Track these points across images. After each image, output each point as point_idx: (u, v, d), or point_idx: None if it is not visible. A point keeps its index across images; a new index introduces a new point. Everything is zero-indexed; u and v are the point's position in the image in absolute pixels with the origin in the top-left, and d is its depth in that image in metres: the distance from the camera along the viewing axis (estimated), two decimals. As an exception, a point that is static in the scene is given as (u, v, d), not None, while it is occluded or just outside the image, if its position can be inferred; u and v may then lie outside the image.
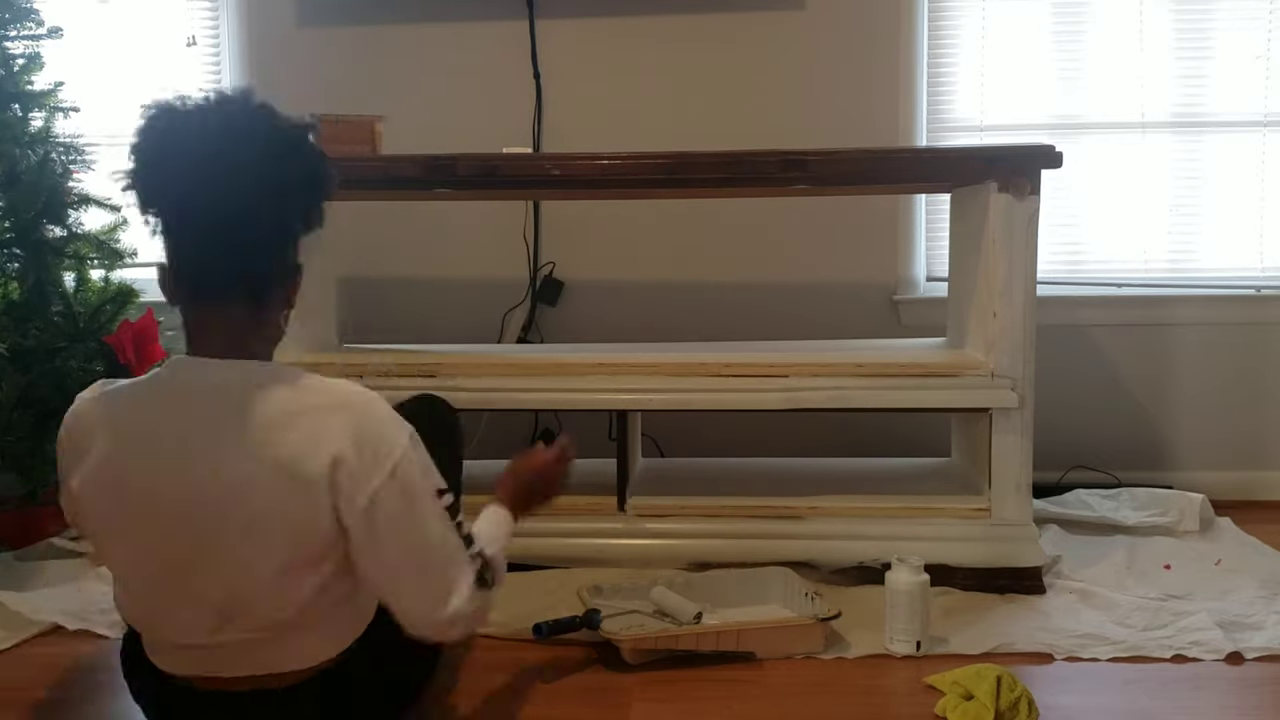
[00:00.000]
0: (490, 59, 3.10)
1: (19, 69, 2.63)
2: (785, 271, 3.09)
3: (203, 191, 1.31)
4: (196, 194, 1.31)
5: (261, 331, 1.39)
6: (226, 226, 1.32)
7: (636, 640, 1.77)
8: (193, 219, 1.34)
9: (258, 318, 1.38)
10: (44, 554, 2.46)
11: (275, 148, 1.36)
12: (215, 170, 1.30)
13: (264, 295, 1.38)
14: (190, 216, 1.34)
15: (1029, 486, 2.26)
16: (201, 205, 1.31)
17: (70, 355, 2.54)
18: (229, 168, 1.30)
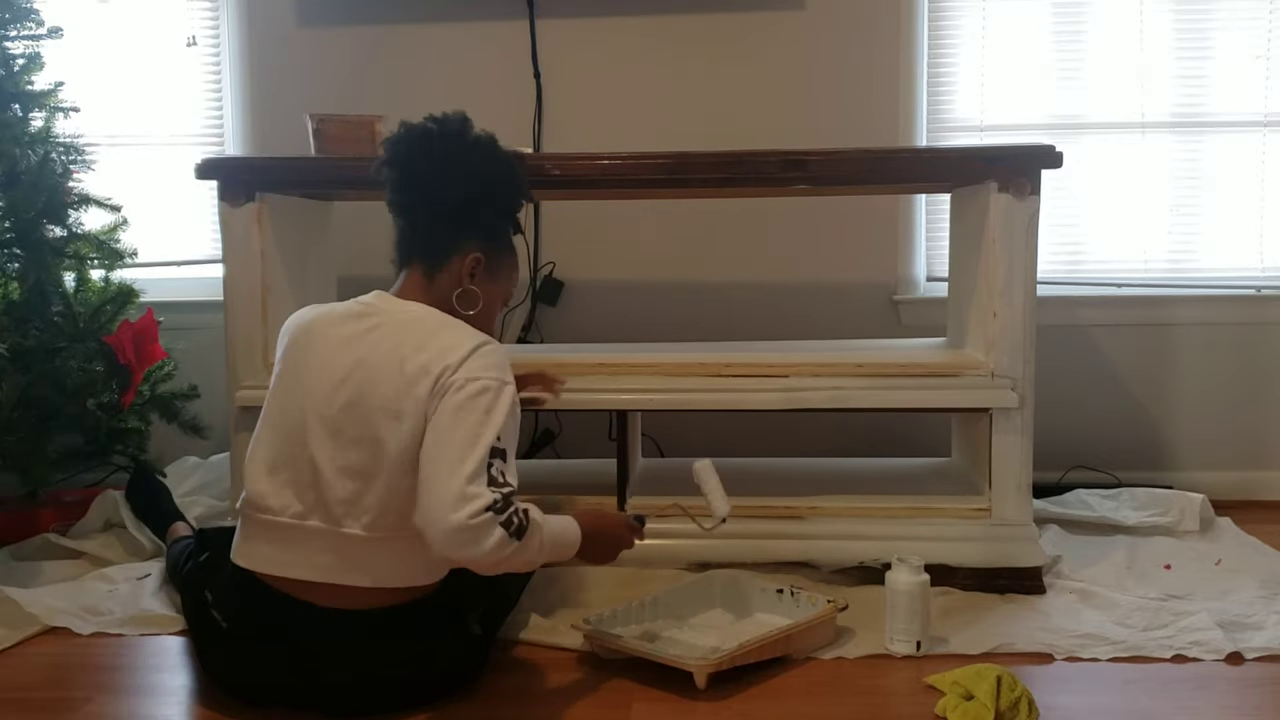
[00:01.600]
0: (490, 59, 3.10)
1: (19, 69, 2.63)
2: (785, 271, 3.09)
3: (406, 193, 1.76)
4: (407, 191, 1.76)
5: (432, 296, 1.74)
6: (415, 222, 1.77)
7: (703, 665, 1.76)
8: (401, 215, 1.78)
9: (428, 285, 1.75)
10: (40, 550, 2.46)
11: (457, 167, 1.74)
12: (418, 180, 1.74)
13: (433, 271, 1.75)
14: (400, 213, 1.78)
15: (1029, 486, 2.26)
16: (407, 201, 1.76)
17: (70, 355, 2.54)
18: (424, 182, 1.74)
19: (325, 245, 2.70)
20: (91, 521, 2.57)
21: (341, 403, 1.64)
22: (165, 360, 2.76)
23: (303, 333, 1.75)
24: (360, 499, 1.63)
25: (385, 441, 1.61)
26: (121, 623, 2.07)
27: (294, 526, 1.66)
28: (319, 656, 1.64)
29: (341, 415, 1.64)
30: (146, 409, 2.75)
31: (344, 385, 1.64)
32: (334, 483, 1.63)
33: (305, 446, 1.65)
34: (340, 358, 1.66)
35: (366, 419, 1.62)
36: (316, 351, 1.70)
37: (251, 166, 2.46)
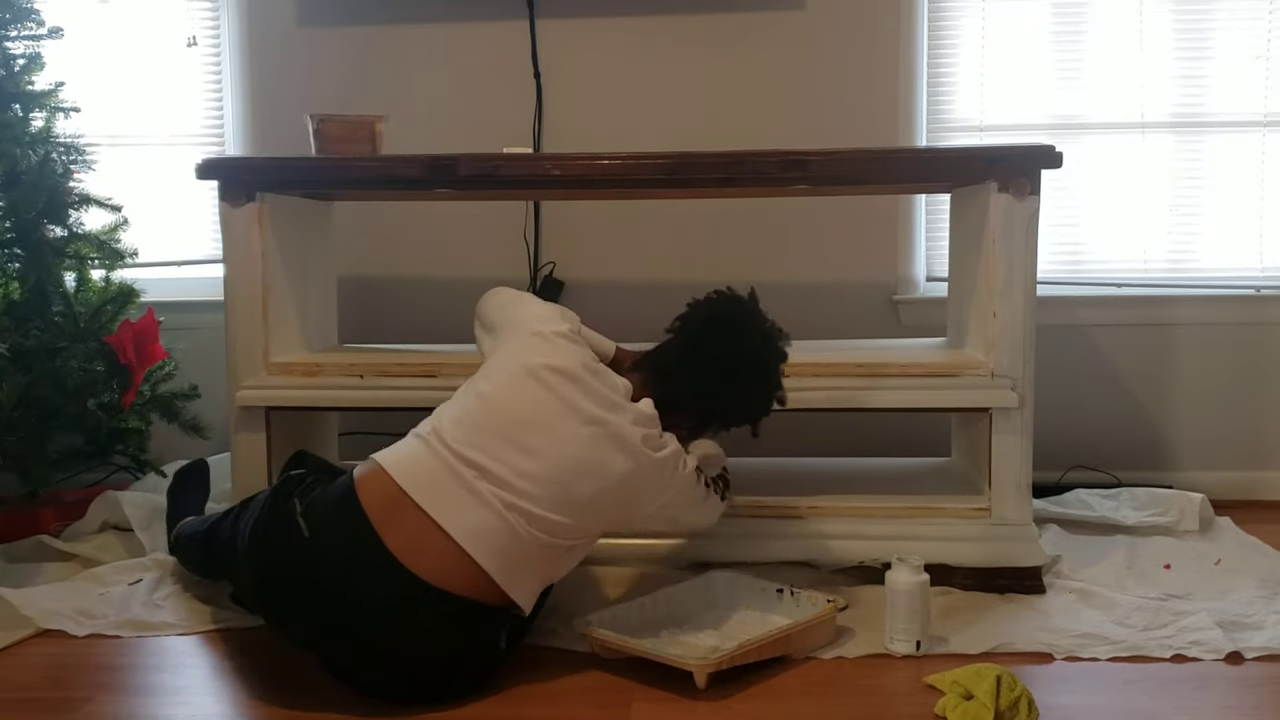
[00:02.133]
0: (490, 59, 3.10)
1: (20, 69, 2.64)
2: (785, 271, 3.09)
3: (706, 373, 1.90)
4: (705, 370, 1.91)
5: (667, 416, 1.86)
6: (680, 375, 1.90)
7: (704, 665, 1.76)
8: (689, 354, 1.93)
9: (665, 414, 1.86)
10: (33, 551, 2.45)
11: (752, 378, 1.92)
12: (724, 354, 1.91)
13: (667, 409, 1.87)
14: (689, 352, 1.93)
15: (1029, 486, 2.26)
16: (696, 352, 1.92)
17: (71, 355, 2.54)
18: (730, 371, 1.90)
19: (325, 245, 2.70)
20: (89, 522, 2.56)
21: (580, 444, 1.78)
22: (166, 360, 2.76)
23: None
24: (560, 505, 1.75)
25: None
26: (116, 626, 2.07)
27: (469, 483, 1.71)
28: (373, 609, 1.66)
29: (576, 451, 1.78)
30: (147, 409, 2.75)
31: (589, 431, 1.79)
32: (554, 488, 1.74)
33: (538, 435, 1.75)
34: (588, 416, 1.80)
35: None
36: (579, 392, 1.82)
37: (252, 166, 2.47)
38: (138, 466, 2.78)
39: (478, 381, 1.85)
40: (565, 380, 1.78)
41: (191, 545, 2.18)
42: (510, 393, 1.79)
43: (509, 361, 1.84)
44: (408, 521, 1.69)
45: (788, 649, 1.88)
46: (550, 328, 1.86)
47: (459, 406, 1.82)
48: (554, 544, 1.76)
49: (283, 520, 1.75)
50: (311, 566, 1.70)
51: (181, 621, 2.09)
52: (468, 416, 1.79)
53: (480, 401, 1.80)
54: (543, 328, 1.86)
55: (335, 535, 1.71)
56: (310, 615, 1.70)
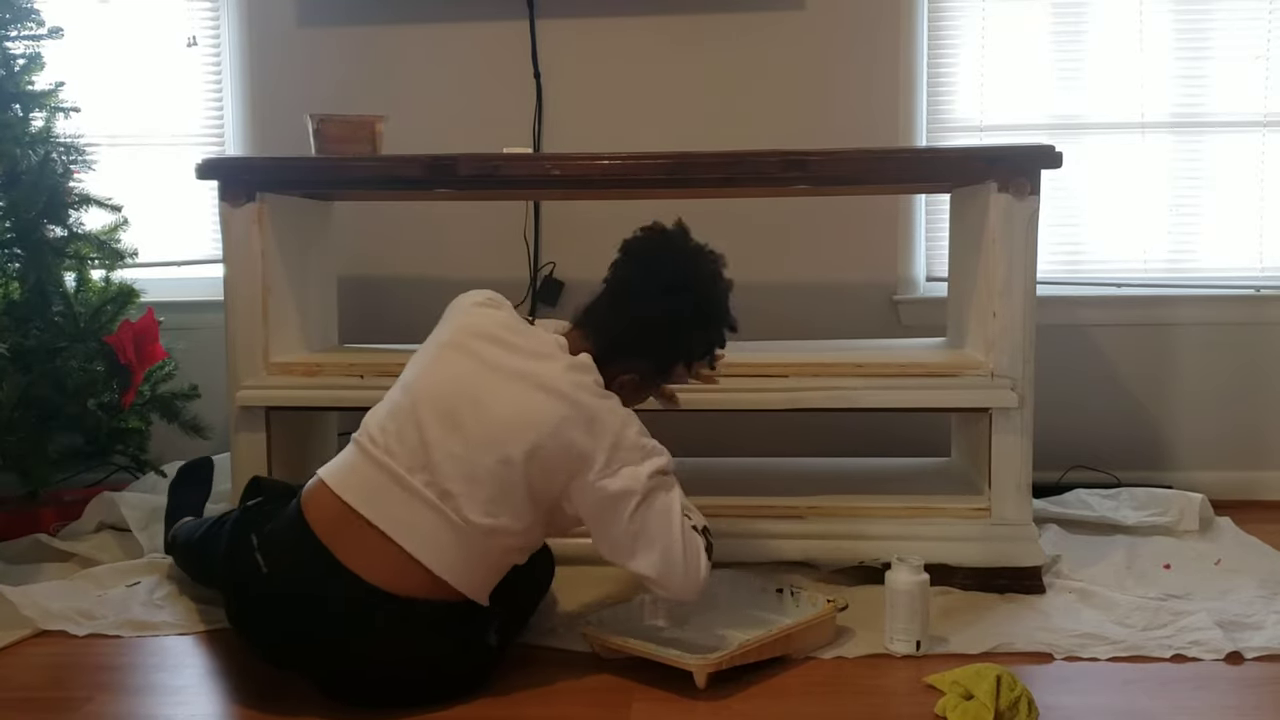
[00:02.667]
0: (490, 59, 3.10)
1: (20, 69, 2.63)
2: (785, 271, 3.09)
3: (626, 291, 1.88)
4: (624, 286, 1.89)
5: (614, 364, 1.82)
6: (616, 310, 1.87)
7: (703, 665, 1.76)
8: (618, 294, 1.90)
9: (601, 361, 1.80)
10: (31, 551, 2.45)
11: (684, 303, 1.85)
12: (648, 286, 1.86)
13: (614, 356, 1.83)
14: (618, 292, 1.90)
15: (1029, 486, 2.26)
16: (624, 291, 1.89)
17: (71, 355, 2.54)
18: (659, 298, 1.85)
19: (325, 245, 2.70)
20: (86, 523, 2.56)
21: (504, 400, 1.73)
22: (166, 360, 2.76)
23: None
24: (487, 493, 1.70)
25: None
26: (116, 626, 2.07)
27: (403, 480, 1.68)
28: (348, 629, 1.65)
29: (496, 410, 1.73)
30: (147, 409, 2.75)
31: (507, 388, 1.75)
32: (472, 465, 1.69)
33: (456, 421, 1.71)
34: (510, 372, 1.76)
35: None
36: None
37: (252, 166, 2.47)
38: (138, 466, 2.79)
39: (403, 374, 1.83)
40: (485, 342, 1.76)
41: (187, 551, 2.18)
42: (432, 373, 1.77)
43: (428, 345, 1.83)
44: (356, 534, 1.68)
45: (788, 649, 1.88)
46: (468, 301, 1.87)
47: (387, 403, 1.80)
48: (497, 528, 1.69)
49: (243, 559, 1.73)
50: (276, 600, 1.69)
51: (181, 621, 2.09)
52: (394, 410, 1.76)
53: (404, 392, 1.78)
54: (460, 303, 1.87)
55: (291, 564, 1.70)
56: (288, 644, 1.71)
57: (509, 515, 1.70)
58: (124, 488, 2.71)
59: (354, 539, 1.67)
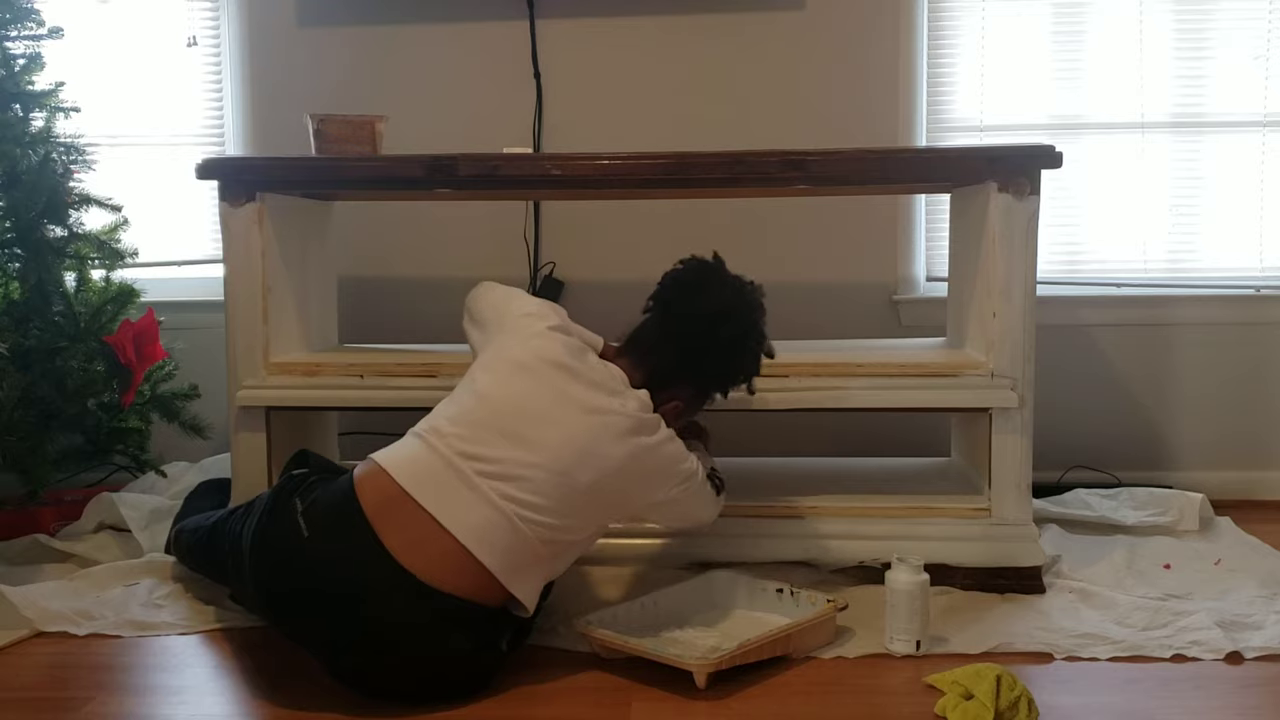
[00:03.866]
0: (490, 59, 3.10)
1: (20, 69, 2.63)
2: (785, 271, 3.09)
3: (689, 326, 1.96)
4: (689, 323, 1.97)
5: (661, 392, 1.91)
6: (668, 342, 1.95)
7: (703, 665, 1.76)
8: (665, 324, 1.99)
9: (649, 386, 1.90)
10: (30, 551, 2.45)
11: (733, 330, 1.96)
12: (695, 316, 1.96)
13: (661, 384, 1.92)
14: (668, 322, 1.99)
15: (1029, 486, 2.26)
16: (670, 321, 1.99)
17: (71, 355, 2.54)
18: (709, 327, 1.95)
19: (325, 245, 2.70)
20: (85, 523, 2.56)
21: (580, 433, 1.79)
22: (166, 360, 2.76)
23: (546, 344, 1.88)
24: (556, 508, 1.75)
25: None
26: (116, 626, 2.07)
27: (469, 479, 1.71)
28: (375, 609, 1.65)
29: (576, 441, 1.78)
30: (147, 409, 2.75)
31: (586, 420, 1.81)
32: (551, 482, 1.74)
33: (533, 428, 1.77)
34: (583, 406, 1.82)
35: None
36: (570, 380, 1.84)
37: (252, 166, 2.46)
38: (138, 466, 2.78)
39: (473, 378, 1.86)
40: (558, 371, 1.81)
41: (194, 542, 2.18)
42: (506, 387, 1.81)
43: (503, 356, 1.86)
44: (408, 520, 1.69)
45: (788, 649, 1.88)
46: (542, 324, 1.88)
47: (455, 404, 1.83)
48: (555, 539, 1.75)
49: (283, 520, 1.75)
50: (311, 567, 1.70)
51: (181, 621, 2.09)
52: (465, 413, 1.79)
53: (476, 398, 1.81)
54: (533, 324, 1.89)
55: (333, 535, 1.71)
56: (309, 615, 1.71)
57: (573, 519, 1.77)
58: (123, 488, 2.71)
59: (404, 525, 1.69)
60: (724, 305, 1.95)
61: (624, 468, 1.79)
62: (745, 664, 1.81)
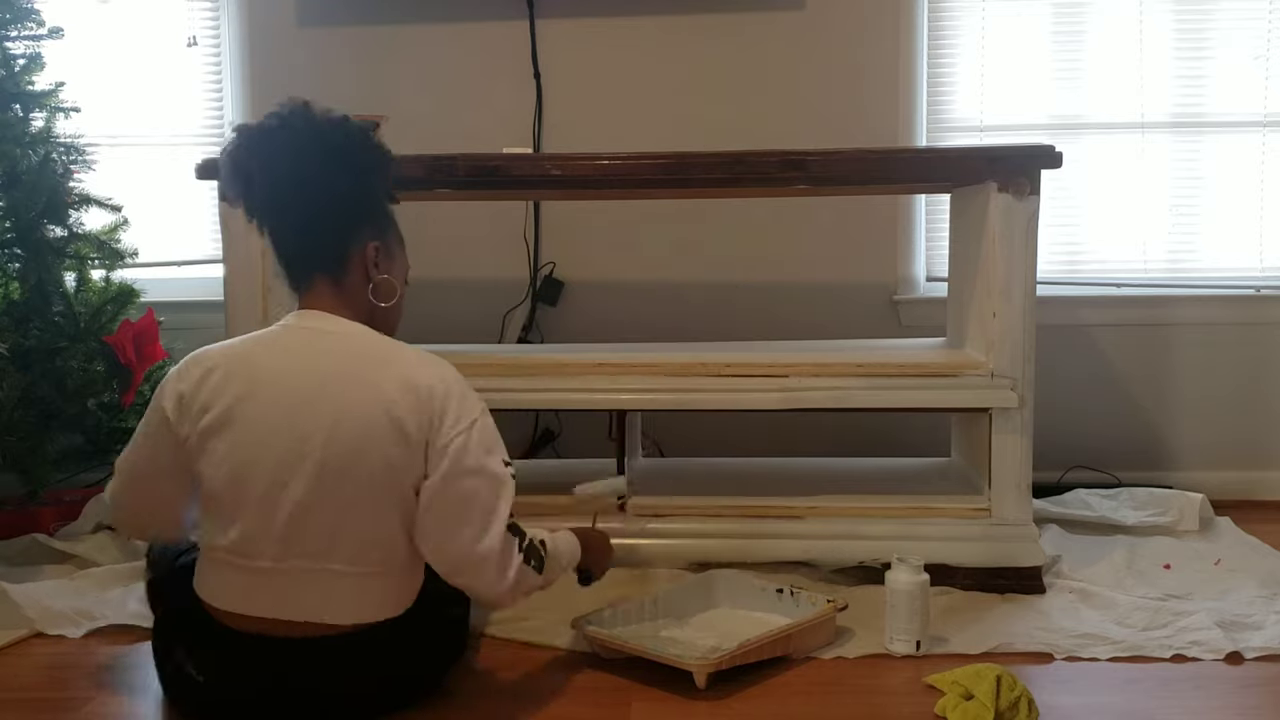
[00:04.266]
0: (490, 59, 3.10)
1: (20, 69, 2.63)
2: (785, 271, 3.09)
3: (277, 204, 1.67)
4: (274, 205, 1.68)
5: (346, 299, 1.69)
6: (298, 228, 1.68)
7: (703, 665, 1.76)
8: (275, 223, 1.70)
9: (339, 289, 1.69)
10: (29, 551, 2.44)
11: (331, 159, 1.66)
12: (286, 187, 1.65)
13: (337, 272, 1.69)
14: (273, 221, 1.69)
15: (1029, 486, 2.26)
16: (278, 212, 1.68)
17: (71, 355, 2.54)
18: (298, 183, 1.65)
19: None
20: (83, 524, 2.56)
21: (318, 455, 1.57)
22: (166, 360, 2.75)
23: (250, 380, 1.61)
24: (338, 537, 1.59)
25: (373, 487, 1.58)
26: (116, 626, 2.06)
27: (271, 570, 1.59)
28: (310, 684, 1.60)
29: (320, 465, 1.57)
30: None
31: (320, 437, 1.57)
32: (312, 523, 1.58)
33: (275, 493, 1.57)
34: (308, 407, 1.58)
35: (349, 469, 1.57)
36: (272, 398, 1.59)
37: (252, 166, 2.46)
38: (138, 466, 2.78)
39: None
40: None
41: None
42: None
43: None
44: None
45: (788, 649, 1.88)
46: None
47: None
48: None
49: (180, 679, 1.67)
50: (232, 703, 1.64)
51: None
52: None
53: None
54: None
55: (229, 668, 1.62)
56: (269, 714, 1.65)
57: (380, 550, 1.64)
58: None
59: (269, 620, 1.60)
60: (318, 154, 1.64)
61: (342, 401, 1.59)
62: (745, 664, 1.81)
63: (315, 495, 1.57)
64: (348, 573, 1.59)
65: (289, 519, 1.57)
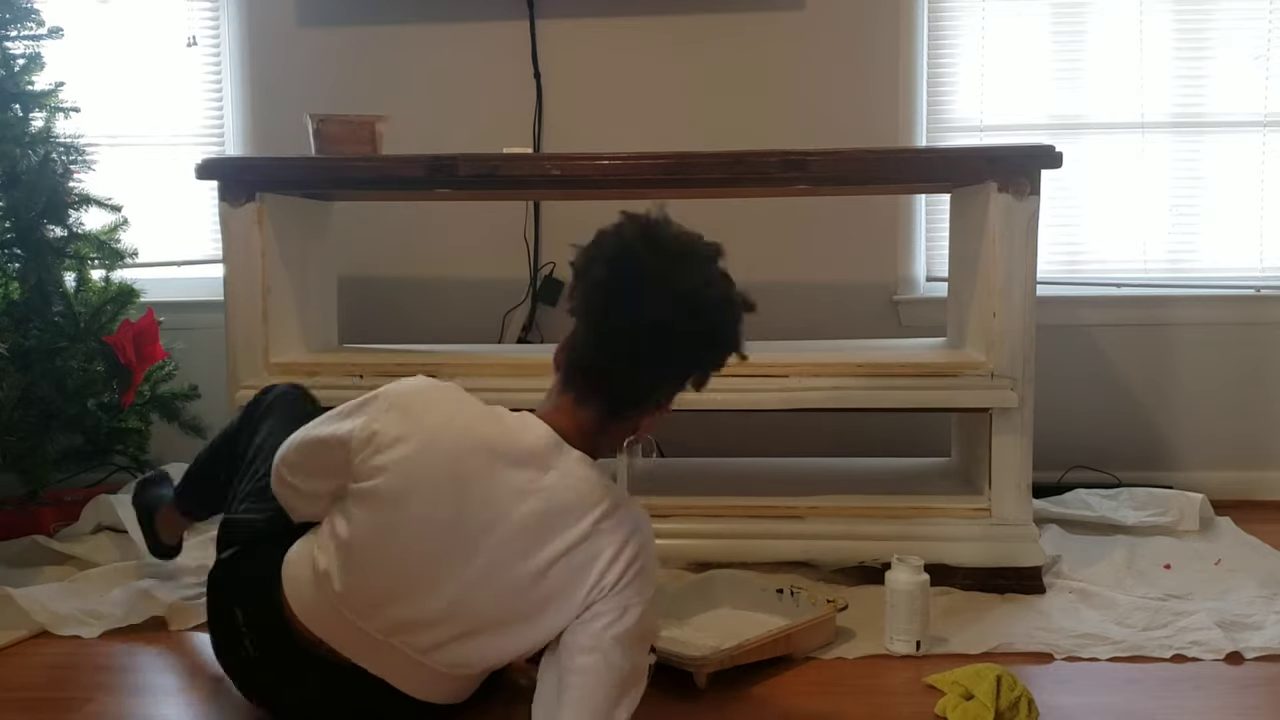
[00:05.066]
0: (490, 59, 3.10)
1: (19, 69, 2.63)
2: (785, 271, 3.09)
3: (638, 361, 1.49)
4: (632, 358, 1.49)
5: (602, 434, 1.55)
6: (625, 366, 1.50)
7: (703, 665, 1.76)
8: (608, 342, 1.50)
9: (605, 424, 1.54)
10: (26, 552, 2.44)
11: (710, 351, 1.56)
12: (655, 362, 1.50)
13: (622, 413, 1.55)
14: (608, 339, 1.50)
15: (1029, 486, 2.26)
16: (620, 341, 1.49)
17: (71, 355, 2.54)
18: (664, 362, 1.50)
19: (325, 245, 2.70)
20: (83, 524, 2.56)
21: (485, 561, 1.46)
22: (165, 360, 2.76)
23: (455, 454, 1.48)
24: (452, 648, 1.53)
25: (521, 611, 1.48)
26: (125, 619, 2.07)
27: (371, 635, 1.52)
28: (367, 705, 1.57)
29: (482, 572, 1.47)
30: (147, 409, 2.75)
31: (489, 540, 1.46)
32: (437, 627, 1.50)
33: (419, 589, 1.49)
34: (500, 510, 1.46)
35: (507, 589, 1.47)
36: (476, 485, 1.46)
37: (251, 166, 2.47)
38: (137, 466, 2.78)
39: None
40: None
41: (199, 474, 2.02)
42: None
43: None
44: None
45: (788, 649, 1.88)
46: None
47: None
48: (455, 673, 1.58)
49: (229, 637, 1.63)
50: (272, 685, 1.63)
51: (181, 622, 2.09)
52: None
53: None
54: None
55: (285, 658, 1.59)
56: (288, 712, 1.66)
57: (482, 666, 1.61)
58: (122, 488, 2.71)
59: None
60: (679, 298, 1.47)
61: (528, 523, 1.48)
62: (745, 664, 1.81)
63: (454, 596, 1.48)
64: (444, 673, 1.54)
65: (418, 616, 1.50)
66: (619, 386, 1.51)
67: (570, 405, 1.53)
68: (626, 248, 1.49)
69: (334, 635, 1.54)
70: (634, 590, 1.46)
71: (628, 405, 1.54)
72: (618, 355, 1.49)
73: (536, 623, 1.48)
